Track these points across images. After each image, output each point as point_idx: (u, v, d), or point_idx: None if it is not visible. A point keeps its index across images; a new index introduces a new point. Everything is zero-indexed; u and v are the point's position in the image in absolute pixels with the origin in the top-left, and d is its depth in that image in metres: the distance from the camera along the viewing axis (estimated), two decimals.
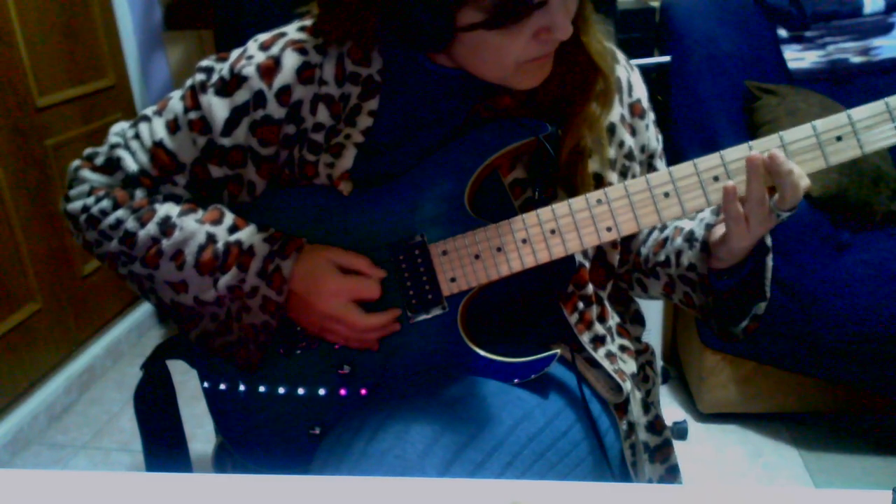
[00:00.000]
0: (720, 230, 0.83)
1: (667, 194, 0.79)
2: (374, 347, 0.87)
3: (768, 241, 0.86)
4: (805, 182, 0.76)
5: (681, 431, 1.92)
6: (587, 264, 0.89)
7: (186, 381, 1.07)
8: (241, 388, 0.91)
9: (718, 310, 0.90)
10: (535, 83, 0.82)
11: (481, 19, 0.73)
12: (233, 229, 0.86)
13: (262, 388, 0.91)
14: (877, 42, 2.12)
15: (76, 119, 2.32)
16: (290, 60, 0.83)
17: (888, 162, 1.93)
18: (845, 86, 2.11)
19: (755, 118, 2.01)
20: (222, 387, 0.92)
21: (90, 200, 0.89)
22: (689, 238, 0.89)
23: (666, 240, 0.94)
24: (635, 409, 0.95)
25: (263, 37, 0.87)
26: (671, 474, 0.98)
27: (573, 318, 0.89)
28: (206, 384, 0.93)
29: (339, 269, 0.85)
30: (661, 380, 1.91)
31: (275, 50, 0.84)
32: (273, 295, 0.84)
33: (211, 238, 0.85)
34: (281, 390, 0.90)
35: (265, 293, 0.84)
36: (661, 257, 0.94)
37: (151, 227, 0.86)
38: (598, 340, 0.91)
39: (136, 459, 1.99)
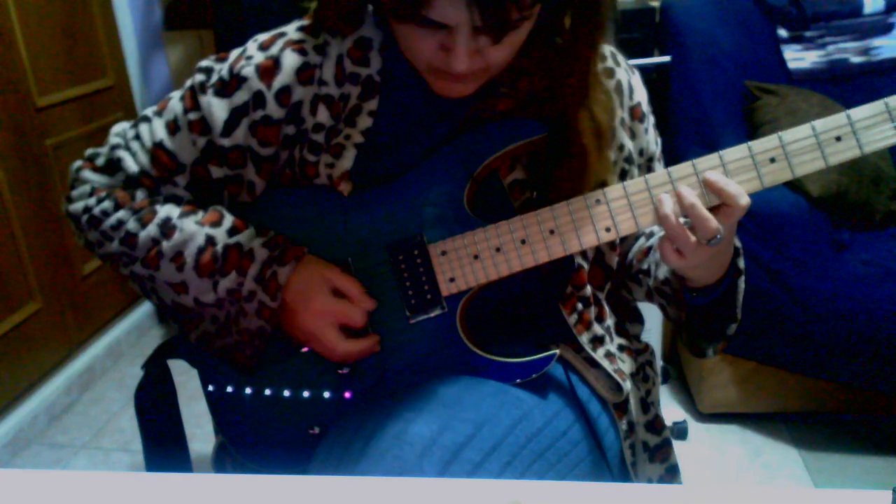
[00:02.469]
0: None
1: None
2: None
3: (741, 263, 0.86)
4: (743, 201, 0.74)
5: (681, 431, 1.92)
6: (586, 266, 0.89)
7: (186, 381, 1.07)
8: (241, 388, 0.91)
9: (689, 325, 0.91)
10: (448, 95, 0.82)
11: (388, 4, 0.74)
12: (232, 231, 0.86)
13: (261, 389, 0.91)
14: (877, 42, 2.12)
15: (76, 119, 2.32)
16: (290, 61, 0.83)
17: (888, 162, 1.93)
18: (845, 86, 2.11)
19: (755, 118, 2.01)
20: (222, 387, 0.92)
21: (92, 201, 0.89)
22: None
23: (650, 249, 0.94)
24: (635, 409, 0.95)
25: (263, 37, 0.87)
26: (671, 474, 0.98)
27: (572, 319, 0.89)
28: (206, 384, 0.93)
29: (332, 290, 0.85)
30: (661, 379, 1.91)
31: (274, 50, 0.84)
32: (267, 300, 0.84)
33: (210, 240, 0.85)
34: (280, 391, 0.90)
35: (261, 298, 0.84)
36: (644, 266, 0.94)
37: (152, 229, 0.86)
38: (597, 340, 0.91)
39: (136, 459, 1.99)
